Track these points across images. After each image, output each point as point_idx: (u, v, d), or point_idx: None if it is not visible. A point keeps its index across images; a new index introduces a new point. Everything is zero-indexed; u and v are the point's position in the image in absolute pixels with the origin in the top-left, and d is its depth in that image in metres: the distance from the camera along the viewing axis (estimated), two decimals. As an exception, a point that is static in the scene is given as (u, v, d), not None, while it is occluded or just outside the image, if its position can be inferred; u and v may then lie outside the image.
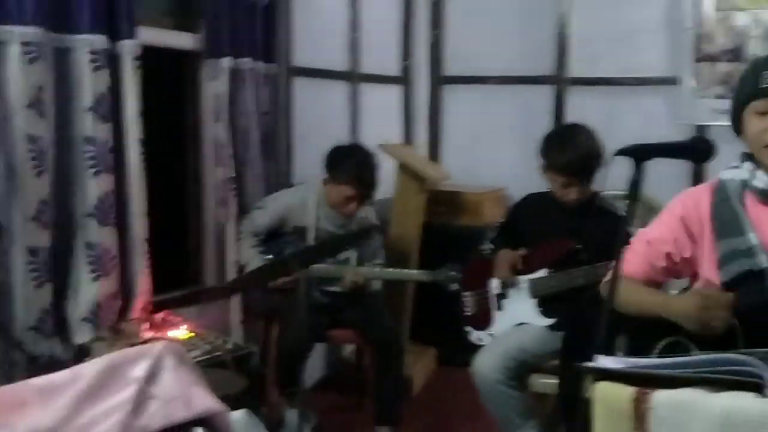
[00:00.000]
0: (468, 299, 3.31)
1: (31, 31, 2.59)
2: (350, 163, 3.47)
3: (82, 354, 2.87)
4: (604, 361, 1.64)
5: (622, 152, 1.84)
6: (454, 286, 3.34)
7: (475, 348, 3.55)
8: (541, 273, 3.10)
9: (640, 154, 1.83)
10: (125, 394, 1.50)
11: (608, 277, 2.02)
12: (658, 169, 1.96)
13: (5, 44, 2.56)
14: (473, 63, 5.05)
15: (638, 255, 2.20)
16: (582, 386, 1.60)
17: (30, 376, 2.61)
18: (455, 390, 4.34)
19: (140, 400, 1.50)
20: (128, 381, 1.52)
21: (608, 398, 1.59)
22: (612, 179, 2.35)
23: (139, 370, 1.54)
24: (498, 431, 3.08)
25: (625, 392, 1.57)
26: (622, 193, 1.98)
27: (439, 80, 5.19)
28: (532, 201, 3.32)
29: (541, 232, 3.16)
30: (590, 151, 3.00)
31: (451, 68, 5.17)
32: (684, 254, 2.14)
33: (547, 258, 3.11)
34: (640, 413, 1.53)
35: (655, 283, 2.21)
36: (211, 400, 1.61)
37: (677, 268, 2.19)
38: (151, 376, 1.55)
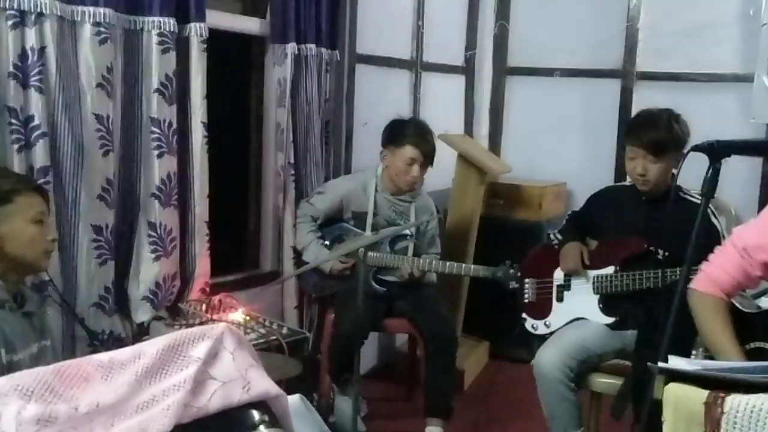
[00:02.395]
0: (529, 286, 3.26)
1: (102, 12, 2.63)
2: (410, 127, 3.55)
3: (141, 332, 2.91)
4: (677, 363, 1.58)
5: (698, 148, 1.78)
6: (513, 284, 3.28)
7: (528, 342, 3.50)
8: (609, 270, 3.04)
9: (717, 151, 1.76)
10: (185, 373, 1.50)
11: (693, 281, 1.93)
12: (726, 168, 1.87)
13: (78, 24, 2.60)
14: (538, 54, 4.97)
15: (731, 262, 2.07)
16: (653, 387, 1.55)
17: (92, 352, 2.69)
18: (507, 384, 4.31)
19: (200, 380, 1.50)
20: (189, 361, 1.52)
21: (680, 400, 1.53)
22: (683, 178, 2.26)
23: (200, 350, 1.54)
24: (548, 429, 3.04)
25: (698, 395, 1.52)
26: (695, 191, 1.91)
27: (503, 71, 5.13)
28: (610, 193, 3.25)
29: (617, 224, 3.09)
30: (676, 131, 2.93)
31: (515, 59, 5.11)
32: None
33: (617, 256, 3.04)
34: (712, 417, 1.47)
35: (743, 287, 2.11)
36: (268, 383, 1.60)
37: None
38: (211, 358, 1.54)
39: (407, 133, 3.50)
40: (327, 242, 3.58)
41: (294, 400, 2.14)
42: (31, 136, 2.48)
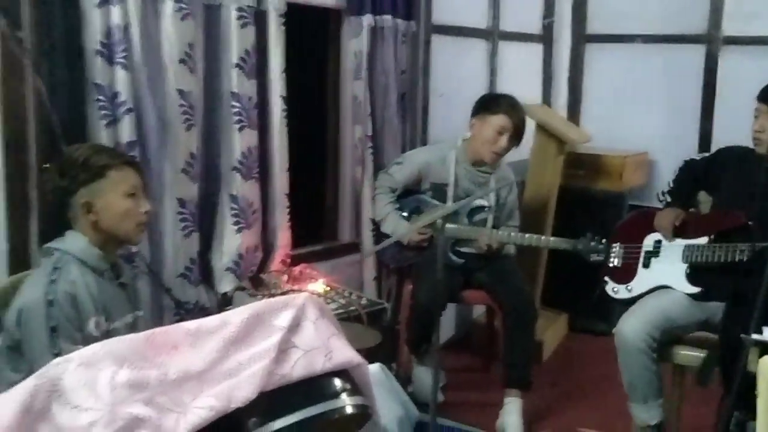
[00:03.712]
0: (616, 250, 3.21)
1: (183, -12, 2.67)
2: (503, 99, 3.54)
3: (224, 302, 2.99)
4: (772, 335, 1.53)
5: None
6: (595, 257, 3.23)
7: (608, 315, 3.43)
8: (702, 240, 2.97)
9: None
10: (269, 342, 1.53)
11: None
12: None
13: (159, 1, 2.65)
14: (619, 21, 4.84)
15: None
16: (745, 359, 1.51)
17: (179, 321, 2.77)
18: (586, 357, 4.27)
19: (283, 349, 1.53)
20: (273, 330, 1.55)
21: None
22: None
23: (283, 319, 1.57)
24: (627, 401, 3.01)
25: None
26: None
27: (583, 39, 5.00)
28: (735, 152, 3.12)
29: (734, 185, 3.03)
30: None
31: (595, 26, 4.97)
32: None
33: (713, 227, 2.98)
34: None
35: None
36: (350, 352, 1.62)
37: None
38: (294, 326, 1.58)
39: (501, 102, 3.50)
40: (405, 213, 3.59)
41: (374, 368, 2.17)
42: (118, 112, 2.54)
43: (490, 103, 3.53)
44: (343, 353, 1.61)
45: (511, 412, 3.34)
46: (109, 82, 2.52)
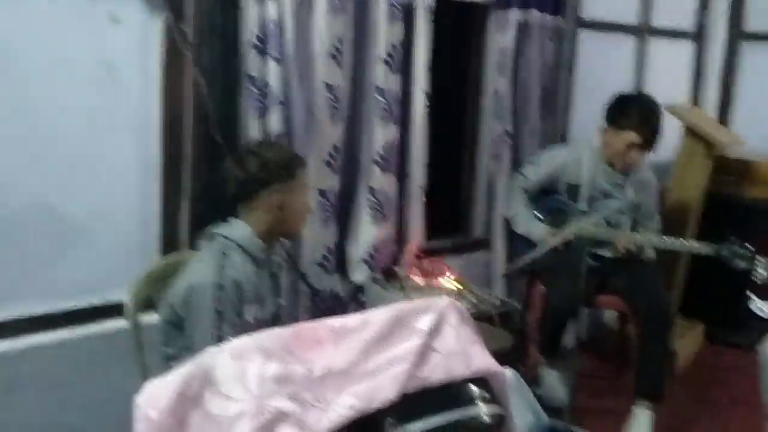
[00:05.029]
0: (762, 263, 3.03)
1: (336, -17, 2.72)
2: (635, 108, 3.29)
3: (357, 292, 3.04)
4: None
5: None
6: (740, 264, 3.07)
7: (748, 328, 3.25)
8: None
9: None
10: (410, 344, 1.54)
11: None
12: None
13: (312, -3, 2.71)
14: (781, 18, 4.57)
15: None
16: None
17: (313, 308, 2.85)
18: (723, 371, 4.08)
19: (423, 352, 1.54)
20: (413, 332, 1.57)
21: None
22: None
23: (424, 323, 1.58)
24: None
25: None
26: None
27: (739, 36, 4.76)
28: None
29: None
30: None
31: (754, 23, 4.71)
32: None
33: None
34: None
35: None
36: (489, 360, 1.62)
37: None
38: (435, 330, 1.58)
39: (631, 115, 3.27)
40: (541, 215, 3.53)
41: (508, 374, 2.15)
42: (269, 104, 2.62)
43: (619, 116, 3.31)
44: (483, 361, 1.60)
45: (641, 425, 3.23)
46: (262, 75, 2.61)
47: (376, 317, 1.60)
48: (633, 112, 3.28)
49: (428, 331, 1.57)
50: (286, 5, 2.61)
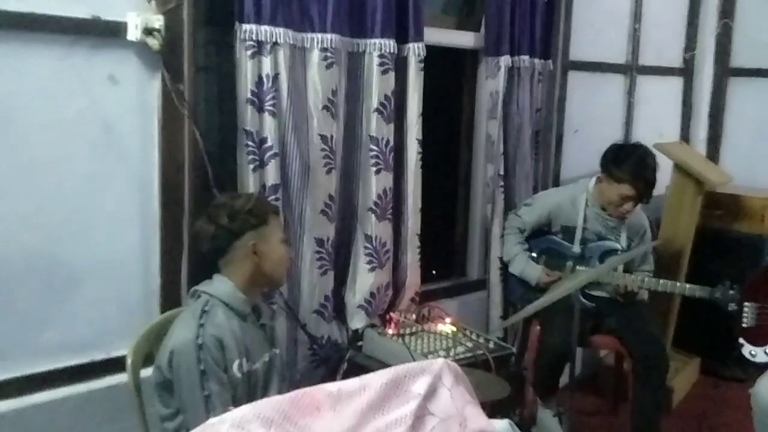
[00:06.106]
0: (749, 310, 3.08)
1: (330, 38, 2.78)
2: (630, 161, 3.32)
3: (355, 338, 3.07)
4: None
5: None
6: (733, 306, 3.12)
7: (744, 362, 3.29)
8: None
9: None
10: (407, 408, 1.58)
11: None
12: None
13: (307, 51, 2.77)
14: (766, 54, 4.64)
15: None
16: None
17: (312, 356, 2.87)
18: (719, 405, 4.10)
19: (419, 416, 1.57)
20: (410, 396, 1.60)
21: None
22: None
23: (420, 386, 1.61)
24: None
25: None
26: None
27: (726, 72, 4.83)
28: None
29: None
30: None
31: (740, 59, 4.80)
32: None
33: None
34: None
35: None
36: (484, 420, 1.65)
37: None
38: (431, 393, 1.62)
39: (625, 168, 3.30)
40: (534, 254, 3.58)
41: (503, 425, 2.18)
42: (265, 157, 2.67)
43: (614, 169, 3.34)
44: (478, 422, 1.64)
45: (638, 464, 3.26)
46: (258, 129, 2.65)
47: (372, 381, 1.63)
48: (627, 165, 3.32)
49: (424, 395, 1.60)
50: (281, 60, 2.66)
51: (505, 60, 3.47)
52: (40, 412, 2.34)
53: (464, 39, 3.57)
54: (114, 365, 2.42)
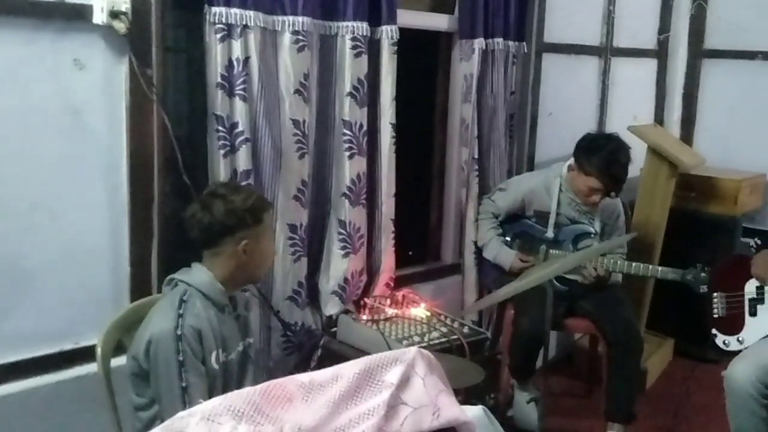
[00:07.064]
0: (718, 300, 3.11)
1: (301, 21, 2.74)
2: (601, 157, 3.30)
3: (329, 325, 3.06)
4: None
5: None
6: (704, 288, 3.14)
7: (715, 342, 3.32)
8: None
9: None
10: (379, 398, 1.56)
11: None
12: None
13: (278, 34, 2.73)
14: (739, 36, 4.65)
15: None
16: None
17: (285, 342, 2.85)
18: (693, 386, 4.14)
19: (392, 405, 1.56)
20: (383, 386, 1.58)
21: None
22: None
23: (393, 375, 1.60)
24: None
25: None
26: None
27: (699, 54, 4.83)
28: None
29: None
30: None
31: (713, 41, 4.80)
32: None
33: None
34: None
35: None
36: (457, 409, 1.64)
37: None
38: (404, 383, 1.60)
39: (594, 162, 3.29)
40: (508, 239, 3.57)
41: (477, 412, 2.18)
42: (236, 142, 2.63)
43: (585, 160, 3.33)
44: (451, 411, 1.62)
45: (613, 446, 3.29)
46: (229, 113, 2.61)
47: (345, 371, 1.61)
48: (597, 159, 3.30)
49: (397, 384, 1.59)
50: (252, 43, 2.62)
51: (479, 42, 3.45)
52: (9, 403, 2.30)
53: (438, 21, 3.54)
54: (84, 355, 2.39)
